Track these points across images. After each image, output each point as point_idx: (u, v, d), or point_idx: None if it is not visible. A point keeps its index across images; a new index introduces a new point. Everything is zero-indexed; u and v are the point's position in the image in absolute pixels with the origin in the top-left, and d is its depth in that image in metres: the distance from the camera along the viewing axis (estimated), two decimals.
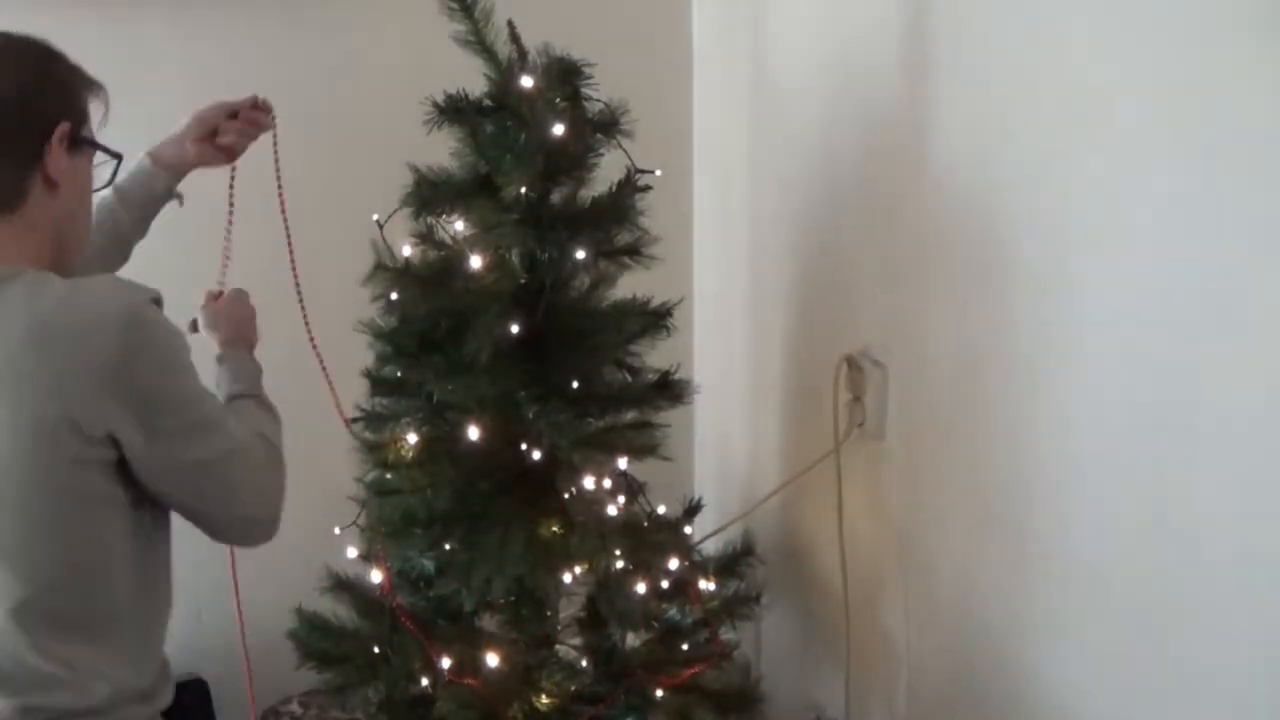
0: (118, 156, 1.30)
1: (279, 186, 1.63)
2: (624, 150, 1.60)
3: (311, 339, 1.65)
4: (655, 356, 1.70)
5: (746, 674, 1.94)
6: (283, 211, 1.63)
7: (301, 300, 1.66)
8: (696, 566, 1.78)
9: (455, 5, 1.53)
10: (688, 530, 1.81)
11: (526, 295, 1.58)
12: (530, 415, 1.55)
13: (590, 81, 1.54)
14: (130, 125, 2.01)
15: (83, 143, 1.22)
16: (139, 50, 1.93)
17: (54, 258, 1.20)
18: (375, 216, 1.62)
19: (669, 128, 2.27)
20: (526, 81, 1.51)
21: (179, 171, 1.53)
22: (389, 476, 1.64)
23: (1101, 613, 1.35)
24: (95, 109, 1.26)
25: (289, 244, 1.64)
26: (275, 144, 1.61)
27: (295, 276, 1.66)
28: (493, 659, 1.59)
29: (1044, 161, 1.36)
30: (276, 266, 1.76)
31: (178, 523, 1.21)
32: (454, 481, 1.57)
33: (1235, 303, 1.12)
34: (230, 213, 1.61)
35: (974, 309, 1.50)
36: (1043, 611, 1.45)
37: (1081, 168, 1.30)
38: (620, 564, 1.63)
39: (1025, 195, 1.39)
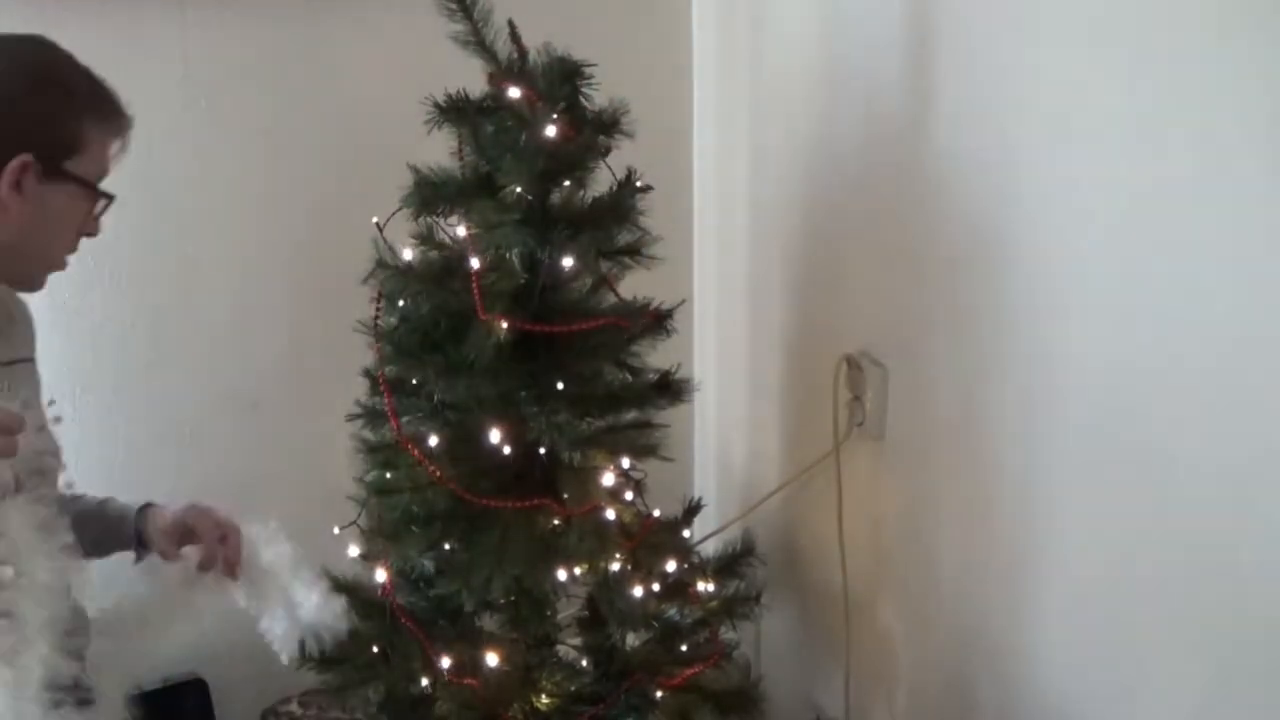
0: (108, 197, 1.29)
1: None
2: (622, 151, 1.60)
3: None
4: (655, 357, 1.70)
5: (747, 674, 1.94)
6: None
7: None
8: (696, 567, 1.78)
9: (454, 5, 1.53)
10: (686, 533, 1.81)
11: (527, 295, 1.58)
12: (530, 415, 1.55)
13: (591, 82, 1.54)
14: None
15: (63, 175, 1.22)
16: (136, 50, 1.93)
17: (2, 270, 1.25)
18: (375, 220, 1.62)
19: (669, 128, 2.27)
20: (515, 91, 1.51)
21: (151, 540, 1.46)
22: (389, 476, 1.64)
23: (1101, 613, 1.35)
24: (112, 139, 1.27)
25: None
26: None
27: None
28: (493, 659, 1.59)
29: (1044, 161, 1.36)
30: (272, 268, 1.76)
31: None
32: (455, 480, 1.57)
33: (1237, 304, 1.12)
34: None
35: (973, 309, 1.50)
36: (1042, 612, 1.45)
37: (1082, 167, 1.30)
38: (619, 564, 1.63)
39: (1025, 195, 1.39)
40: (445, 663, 1.59)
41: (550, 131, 1.50)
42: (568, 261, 1.57)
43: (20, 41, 1.27)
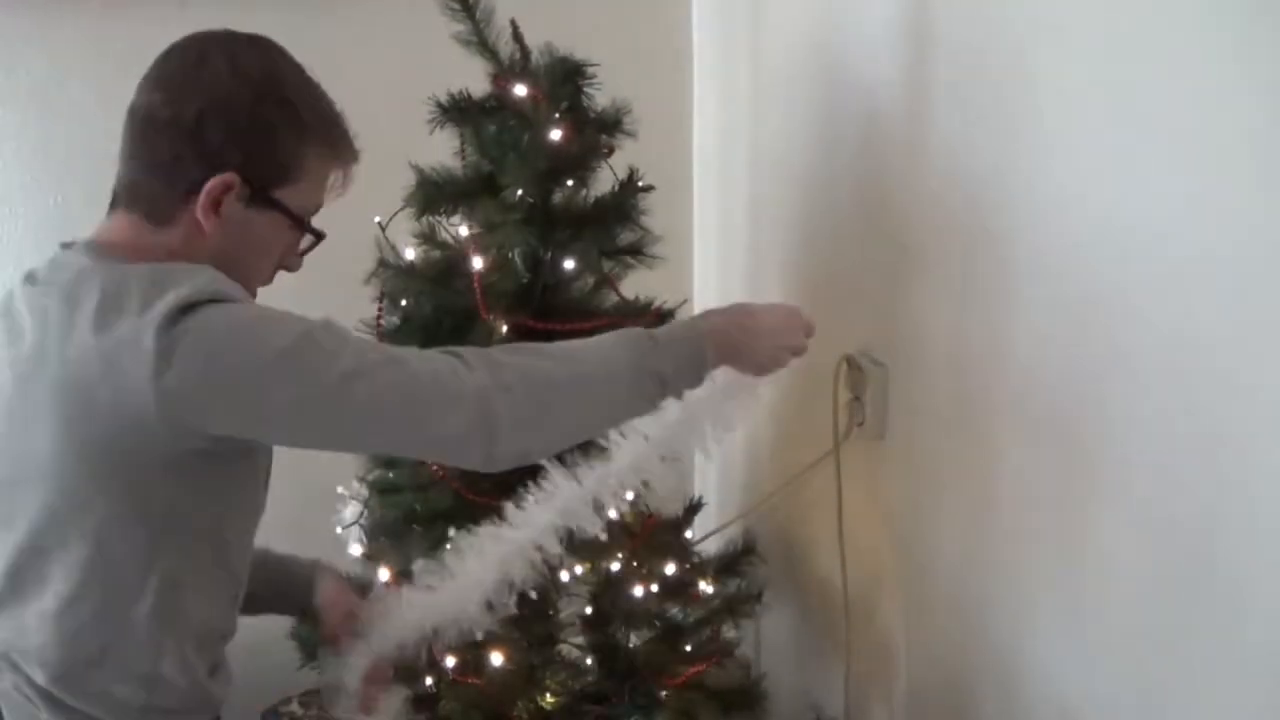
0: (317, 235, 1.17)
1: None
2: (623, 151, 1.60)
3: None
4: None
5: (748, 672, 1.95)
6: None
7: None
8: (696, 567, 1.78)
9: (455, 6, 1.53)
10: (688, 532, 1.81)
11: (529, 295, 1.58)
12: None
13: (593, 81, 1.54)
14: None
15: (271, 203, 1.09)
16: (135, 49, 1.93)
17: None
18: (377, 219, 1.62)
19: (669, 128, 2.27)
20: (521, 90, 1.52)
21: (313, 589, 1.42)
22: (391, 475, 1.64)
23: (1101, 612, 1.35)
24: (335, 171, 1.15)
25: None
26: None
27: None
28: (497, 658, 1.59)
29: (1044, 161, 1.36)
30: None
31: None
32: (457, 480, 1.57)
33: (1238, 304, 1.12)
34: None
35: (974, 309, 1.51)
36: (1042, 611, 1.46)
37: (1082, 167, 1.30)
38: (620, 564, 1.63)
39: (1025, 195, 1.40)
40: (450, 662, 1.59)
41: (553, 132, 1.50)
42: (569, 261, 1.57)
43: (249, 44, 1.14)
